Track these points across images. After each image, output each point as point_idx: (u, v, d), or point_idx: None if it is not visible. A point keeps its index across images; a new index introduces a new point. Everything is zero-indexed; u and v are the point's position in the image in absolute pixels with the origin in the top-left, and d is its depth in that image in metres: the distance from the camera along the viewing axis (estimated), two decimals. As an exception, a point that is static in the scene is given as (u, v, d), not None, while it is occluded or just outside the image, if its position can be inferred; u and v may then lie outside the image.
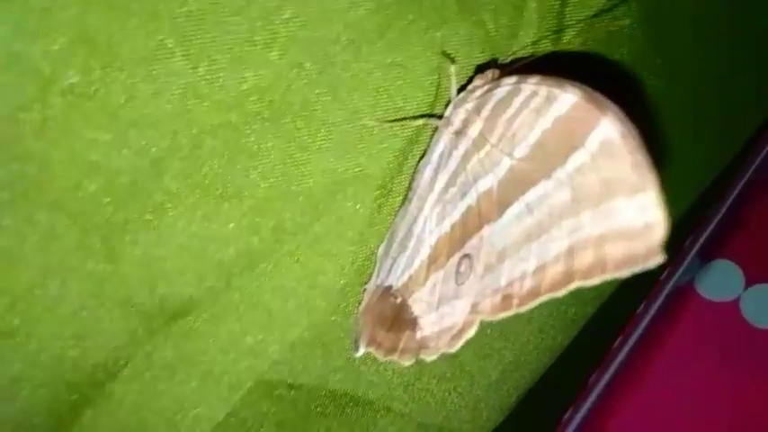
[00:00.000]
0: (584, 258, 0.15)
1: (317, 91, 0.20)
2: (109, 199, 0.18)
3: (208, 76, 0.18)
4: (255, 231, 0.20)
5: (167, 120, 0.18)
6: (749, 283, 0.55)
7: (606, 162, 0.14)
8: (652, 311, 0.56)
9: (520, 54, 0.20)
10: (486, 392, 0.29)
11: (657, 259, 0.14)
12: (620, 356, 0.52)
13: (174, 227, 0.19)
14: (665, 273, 0.46)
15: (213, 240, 0.20)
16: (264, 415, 0.23)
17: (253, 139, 0.19)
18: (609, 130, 0.14)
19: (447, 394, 0.28)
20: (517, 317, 0.17)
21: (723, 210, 0.47)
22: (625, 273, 0.14)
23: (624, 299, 0.39)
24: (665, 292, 0.55)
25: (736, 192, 0.47)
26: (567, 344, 0.32)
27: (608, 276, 0.14)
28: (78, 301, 0.19)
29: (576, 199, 0.15)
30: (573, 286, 0.15)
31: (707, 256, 0.57)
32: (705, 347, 0.55)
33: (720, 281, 0.56)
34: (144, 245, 0.19)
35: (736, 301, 0.56)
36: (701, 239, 0.48)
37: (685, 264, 0.51)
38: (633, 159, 0.14)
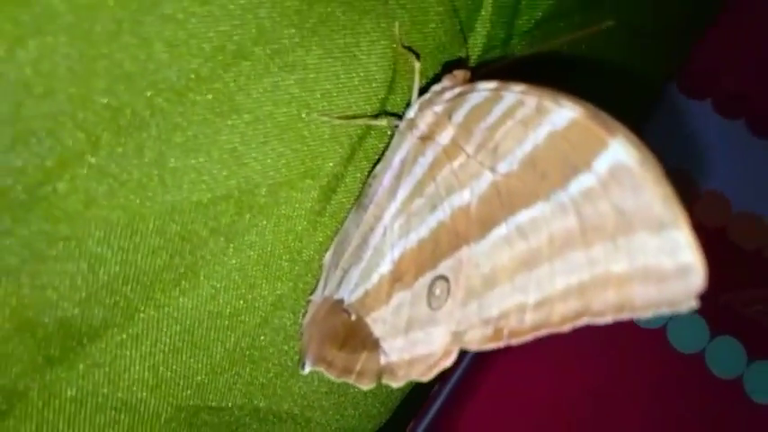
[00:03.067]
0: (604, 298, 0.13)
1: (261, 81, 0.17)
2: None
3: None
4: (182, 238, 0.17)
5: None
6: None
7: (621, 191, 0.13)
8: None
9: (491, 54, 0.19)
10: (401, 391, 0.29)
11: (692, 305, 0.12)
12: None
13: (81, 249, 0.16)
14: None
15: (129, 251, 0.17)
16: (181, 443, 0.20)
17: (190, 132, 0.16)
18: (622, 156, 0.13)
19: (366, 398, 0.26)
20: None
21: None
22: (647, 314, 0.13)
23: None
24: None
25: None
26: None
27: (626, 316, 0.13)
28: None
29: (585, 229, 0.13)
30: (582, 323, 0.14)
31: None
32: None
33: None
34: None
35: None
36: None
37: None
38: (661, 191, 0.12)
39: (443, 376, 0.52)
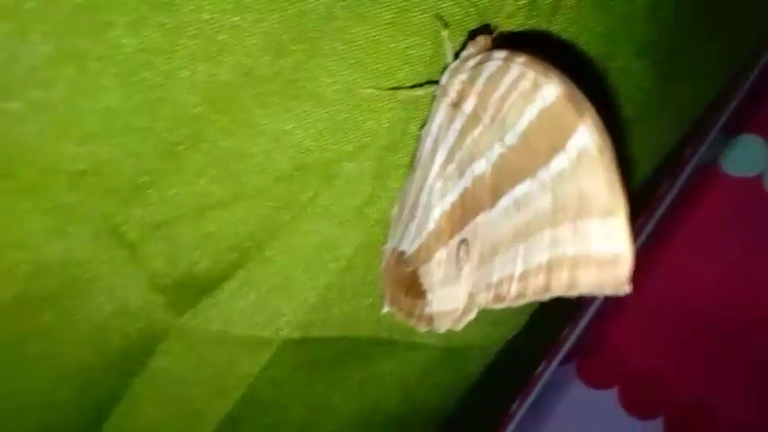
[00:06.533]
0: (560, 277, 0.14)
1: (320, 63, 0.19)
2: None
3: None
4: (269, 206, 0.21)
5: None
6: (773, 157, 0.54)
7: (583, 173, 0.13)
8: (674, 191, 0.55)
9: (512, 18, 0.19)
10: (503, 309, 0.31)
11: (625, 290, 0.13)
12: (641, 239, 0.53)
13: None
14: (688, 150, 0.45)
15: (229, 219, 0.21)
16: (294, 365, 0.24)
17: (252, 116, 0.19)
18: (586, 140, 0.13)
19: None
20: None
21: (748, 84, 0.45)
22: (586, 293, 0.14)
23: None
24: (688, 170, 0.54)
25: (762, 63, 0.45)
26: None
27: (574, 294, 0.14)
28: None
29: (556, 209, 0.14)
30: (548, 296, 0.15)
31: (731, 131, 0.55)
32: (729, 225, 0.54)
33: (744, 156, 0.55)
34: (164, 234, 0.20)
35: (759, 177, 0.55)
36: (725, 114, 0.47)
37: (708, 140, 0.50)
38: (607, 177, 0.13)
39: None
